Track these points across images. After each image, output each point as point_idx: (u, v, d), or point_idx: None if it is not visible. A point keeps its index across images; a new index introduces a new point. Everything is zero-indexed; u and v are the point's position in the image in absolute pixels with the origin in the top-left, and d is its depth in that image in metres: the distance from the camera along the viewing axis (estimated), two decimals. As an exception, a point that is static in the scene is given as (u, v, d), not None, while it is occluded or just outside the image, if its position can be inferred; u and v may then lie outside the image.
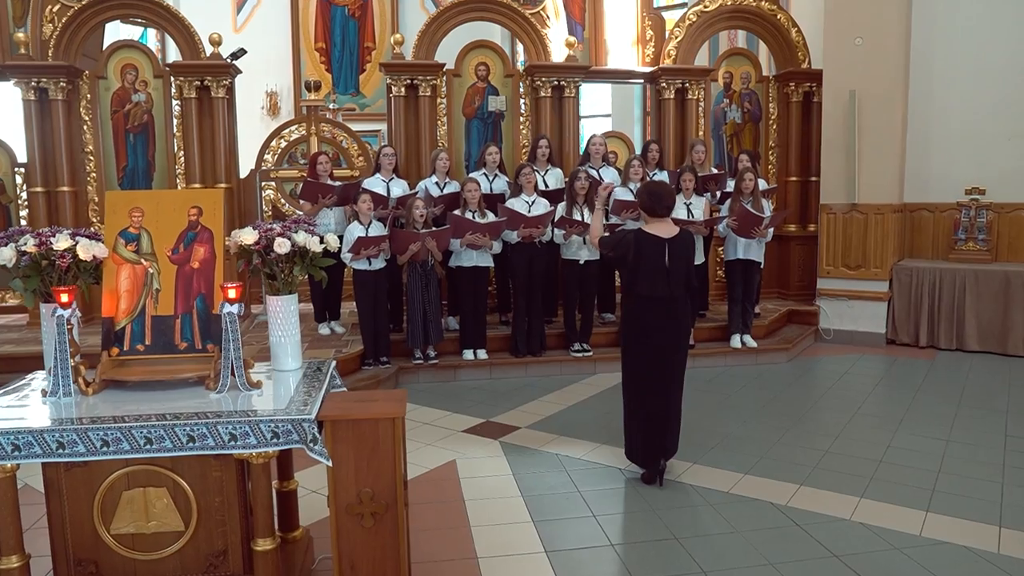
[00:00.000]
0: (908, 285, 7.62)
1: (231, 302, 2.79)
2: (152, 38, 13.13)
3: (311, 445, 2.52)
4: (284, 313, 3.10)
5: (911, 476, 4.28)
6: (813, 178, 8.39)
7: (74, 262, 2.93)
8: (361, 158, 8.15)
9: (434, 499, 4.05)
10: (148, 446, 2.49)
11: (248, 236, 2.97)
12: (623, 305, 4.19)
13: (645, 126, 12.61)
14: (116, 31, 11.50)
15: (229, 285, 2.79)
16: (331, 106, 12.44)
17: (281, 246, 2.93)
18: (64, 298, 2.74)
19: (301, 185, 6.64)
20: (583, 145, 9.06)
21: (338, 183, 6.82)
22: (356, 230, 6.13)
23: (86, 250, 2.90)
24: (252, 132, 9.27)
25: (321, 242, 3.09)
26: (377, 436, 2.69)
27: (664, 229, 4.08)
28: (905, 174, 7.94)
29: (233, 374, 2.83)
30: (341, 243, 6.16)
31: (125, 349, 2.97)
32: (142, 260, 3.02)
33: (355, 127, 12.95)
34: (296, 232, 3.02)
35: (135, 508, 2.72)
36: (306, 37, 13.74)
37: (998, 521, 3.71)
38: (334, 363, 3.31)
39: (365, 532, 2.73)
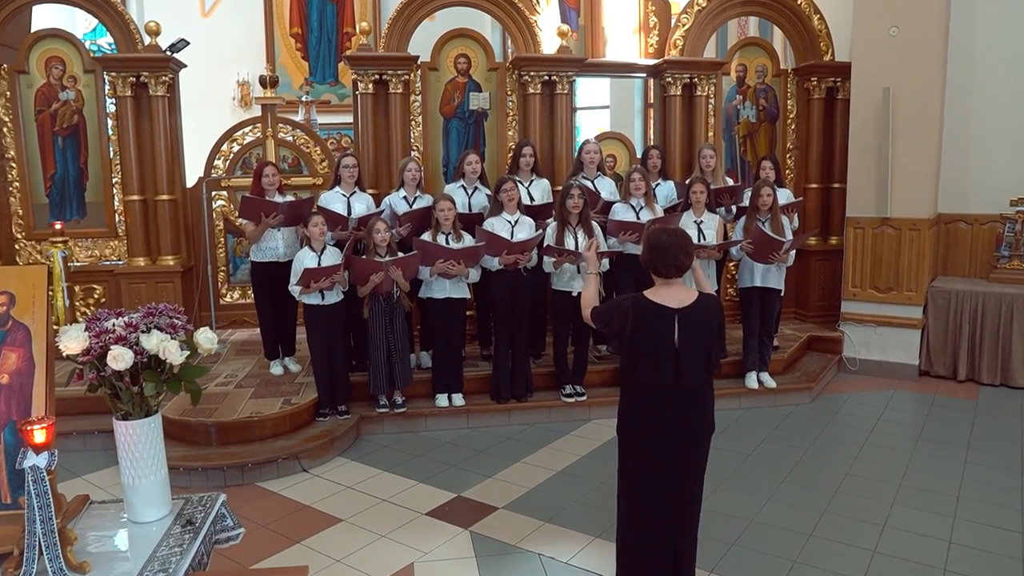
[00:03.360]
0: (945, 310, 6.69)
1: (39, 449, 1.87)
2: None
3: None
4: (138, 444, 2.18)
5: (987, 597, 3.38)
6: (836, 185, 7.45)
7: None
8: (325, 163, 7.18)
9: (377, 639, 3.15)
10: None
11: (73, 342, 2.04)
12: (621, 393, 3.20)
13: (647, 119, 11.63)
14: (71, 20, 10.45)
15: (34, 424, 1.86)
16: (304, 98, 11.44)
17: (117, 360, 1.99)
18: None
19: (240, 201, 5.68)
20: (578, 144, 8.15)
21: (288, 197, 5.89)
22: (305, 258, 5.20)
23: None
24: (223, 126, 8.17)
25: (185, 348, 2.15)
26: (246, 668, 1.78)
27: (673, 295, 3.00)
28: (940, 181, 6.99)
29: (43, 554, 1.91)
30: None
31: (-101, 505, 2.05)
32: (-74, 372, 2.09)
33: (332, 119, 12.07)
34: (148, 333, 2.08)
35: None
36: (280, 22, 12.67)
37: None
38: (222, 499, 2.39)
39: None
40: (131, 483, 2.20)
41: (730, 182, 6.65)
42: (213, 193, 7.05)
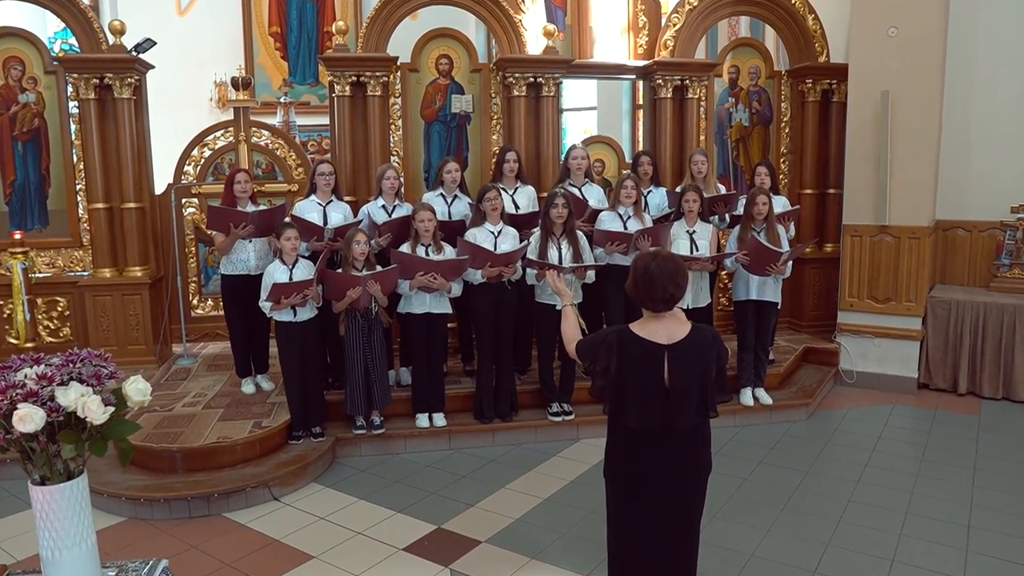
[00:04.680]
0: (945, 321, 6.46)
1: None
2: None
3: None
4: (59, 512, 1.88)
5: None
6: (831, 190, 7.23)
7: None
8: (301, 169, 6.87)
9: None
10: None
11: (-26, 399, 1.74)
12: (608, 434, 2.91)
13: (635, 121, 11.38)
14: (41, 18, 10.07)
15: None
16: (283, 99, 11.12)
17: (24, 421, 1.70)
18: None
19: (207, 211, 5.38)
20: (565, 147, 7.86)
21: (260, 206, 5.59)
22: (276, 272, 4.90)
23: None
24: (201, 127, 7.74)
25: (112, 400, 1.85)
26: None
27: (663, 328, 2.68)
28: (938, 187, 6.76)
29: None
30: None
31: None
32: None
33: (312, 121, 11.75)
34: (66, 386, 1.78)
35: None
36: (259, 20, 12.32)
37: None
38: (163, 566, 2.10)
39: None
40: (51, 556, 1.90)
41: (722, 189, 6.40)
42: (183, 200, 6.74)
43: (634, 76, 7.33)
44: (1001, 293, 6.51)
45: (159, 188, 6.68)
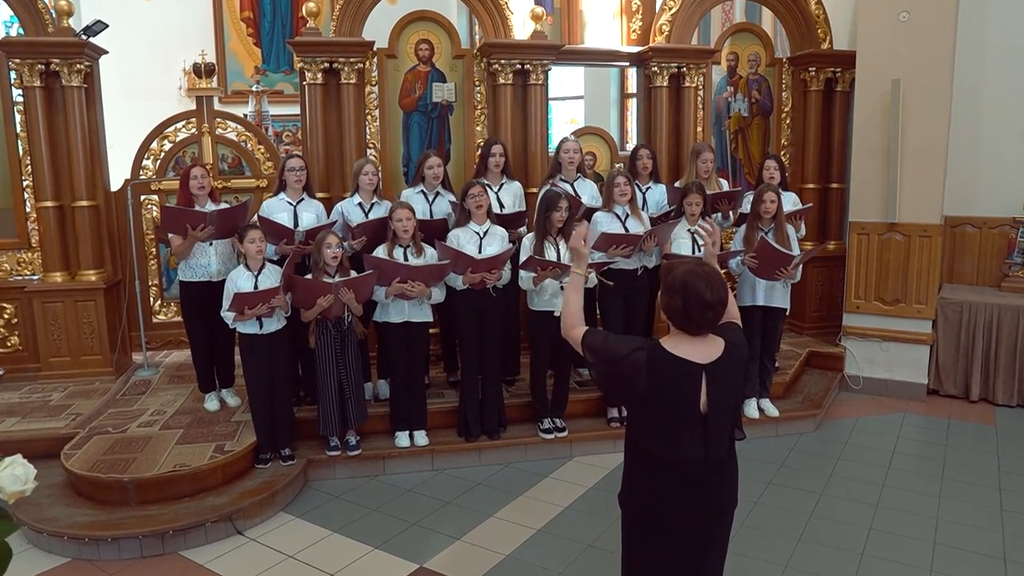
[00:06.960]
0: (957, 323, 6.10)
1: None
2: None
3: None
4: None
5: None
6: (834, 185, 6.85)
7: None
8: (270, 163, 6.38)
9: None
10: None
11: None
12: (625, 465, 2.51)
13: (624, 111, 10.96)
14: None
15: None
16: (255, 87, 10.57)
17: None
18: None
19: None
20: (552, 139, 7.44)
21: (221, 204, 5.11)
22: (239, 279, 4.43)
23: None
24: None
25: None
26: None
27: (699, 345, 2.34)
28: (947, 182, 6.38)
29: None
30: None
31: None
32: None
33: (287, 111, 11.20)
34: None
35: None
36: (230, 5, 11.74)
37: None
38: None
39: None
40: None
41: (724, 184, 5.99)
42: (142, 198, 6.23)
43: (627, 63, 6.88)
44: (1014, 293, 6.17)
45: (117, 184, 6.16)
